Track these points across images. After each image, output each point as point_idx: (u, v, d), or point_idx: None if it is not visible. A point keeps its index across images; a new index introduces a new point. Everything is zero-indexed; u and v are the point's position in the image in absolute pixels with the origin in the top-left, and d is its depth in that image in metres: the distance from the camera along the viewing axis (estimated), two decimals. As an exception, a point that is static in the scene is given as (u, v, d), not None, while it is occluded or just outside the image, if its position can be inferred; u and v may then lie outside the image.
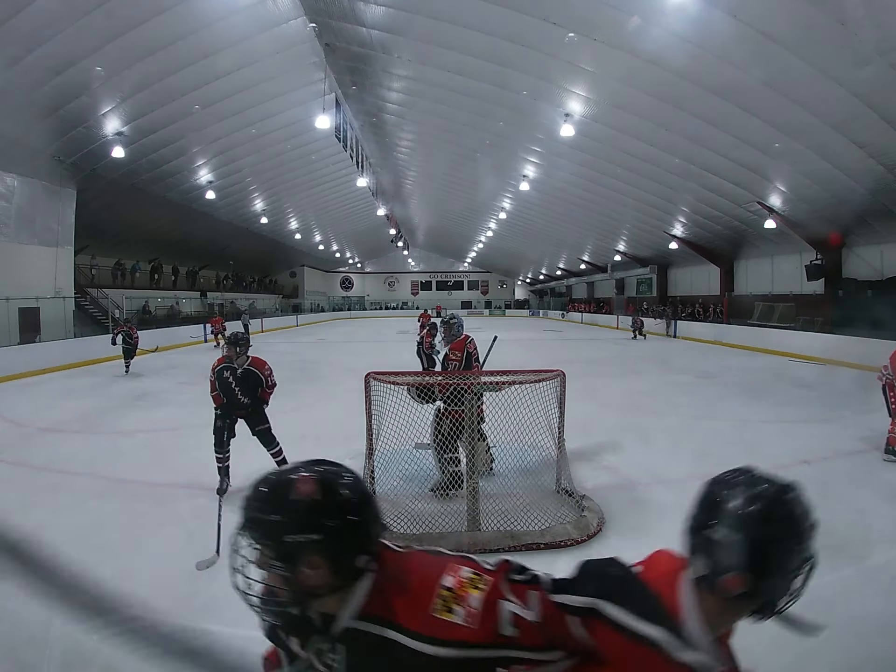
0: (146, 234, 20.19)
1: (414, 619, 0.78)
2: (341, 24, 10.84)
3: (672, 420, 6.32)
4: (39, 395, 8.62)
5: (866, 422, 6.06)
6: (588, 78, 10.35)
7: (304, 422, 6.54)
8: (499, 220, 24.83)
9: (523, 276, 44.52)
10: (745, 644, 2.42)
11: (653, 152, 12.72)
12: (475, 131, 14.87)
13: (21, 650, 2.28)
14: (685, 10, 7.56)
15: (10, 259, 12.61)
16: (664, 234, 19.42)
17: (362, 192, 22.10)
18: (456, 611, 0.76)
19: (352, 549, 0.82)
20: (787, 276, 16.79)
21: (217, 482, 3.97)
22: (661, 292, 24.66)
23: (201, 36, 9.90)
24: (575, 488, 3.78)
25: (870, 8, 6.62)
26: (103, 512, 3.76)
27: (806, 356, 11.72)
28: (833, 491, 3.97)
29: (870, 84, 8.00)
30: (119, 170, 14.06)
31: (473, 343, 4.39)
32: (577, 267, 31.52)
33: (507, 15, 8.70)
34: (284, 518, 0.80)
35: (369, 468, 3.77)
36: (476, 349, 4.37)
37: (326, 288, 43.61)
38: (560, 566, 3.10)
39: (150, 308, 21.27)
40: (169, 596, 2.71)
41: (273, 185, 19.67)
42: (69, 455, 5.09)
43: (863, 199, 11.58)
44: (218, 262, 27.75)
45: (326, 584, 0.81)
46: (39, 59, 9.20)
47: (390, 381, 3.78)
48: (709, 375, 10.24)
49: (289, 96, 13.39)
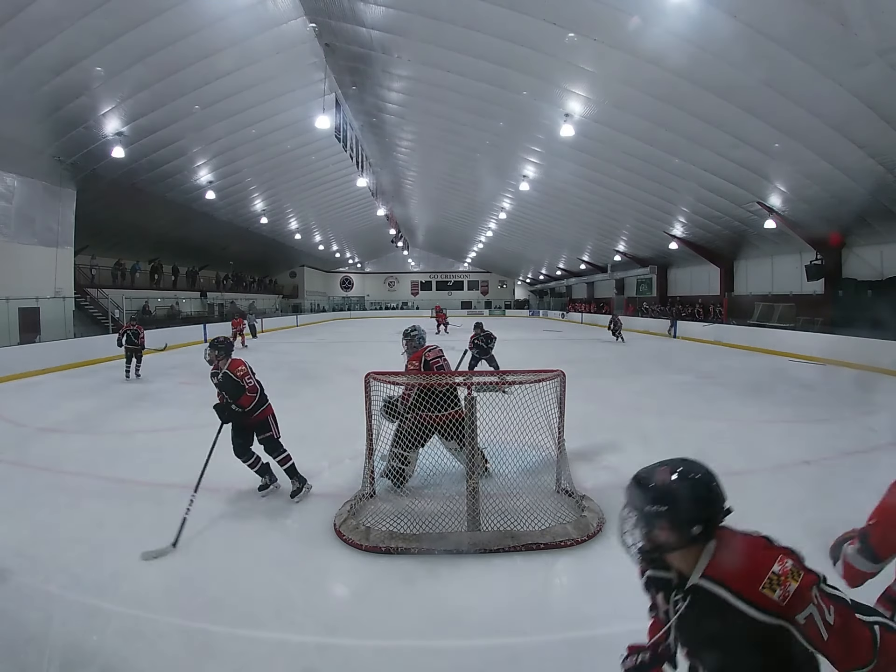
0: (146, 234, 20.18)
1: (746, 588, 1.11)
2: (341, 25, 10.84)
3: (672, 420, 6.32)
4: (39, 395, 8.61)
5: (866, 422, 6.06)
6: (588, 78, 10.35)
7: (304, 422, 6.53)
8: (499, 220, 24.83)
9: (523, 276, 44.51)
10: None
11: (653, 152, 12.72)
12: (475, 131, 14.87)
13: (21, 650, 2.28)
14: (685, 10, 7.56)
15: (10, 259, 12.61)
16: (664, 234, 19.42)
17: (362, 192, 22.10)
18: (777, 591, 1.08)
19: (689, 520, 1.18)
20: (787, 277, 16.78)
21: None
22: (660, 292, 24.67)
23: (201, 36, 9.90)
24: (575, 488, 3.78)
25: (870, 8, 6.62)
26: (103, 512, 3.76)
27: (806, 356, 11.71)
28: (833, 491, 3.97)
29: (870, 84, 7.99)
30: (119, 170, 14.05)
31: (435, 352, 4.32)
32: (577, 267, 31.52)
33: (507, 15, 8.70)
34: (647, 495, 1.23)
35: (369, 468, 3.77)
36: (439, 357, 4.31)
37: (326, 288, 43.60)
38: (560, 566, 3.12)
39: (150, 308, 21.27)
40: (169, 596, 2.72)
41: (273, 185, 19.66)
42: (69, 455, 5.08)
43: (863, 199, 11.58)
44: (218, 262, 27.75)
45: (671, 543, 1.20)
46: (39, 59, 9.20)
47: (390, 381, 3.79)
48: (709, 375, 10.23)
49: (289, 96, 13.39)
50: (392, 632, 2.46)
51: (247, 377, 3.98)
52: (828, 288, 14.83)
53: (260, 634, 2.42)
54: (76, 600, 2.62)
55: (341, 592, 2.91)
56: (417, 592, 2.78)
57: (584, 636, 2.40)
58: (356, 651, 2.35)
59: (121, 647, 2.31)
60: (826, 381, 9.61)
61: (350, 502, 3.66)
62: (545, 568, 3.02)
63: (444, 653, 2.35)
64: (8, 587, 2.76)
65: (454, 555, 3.09)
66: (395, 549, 3.12)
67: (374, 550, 3.13)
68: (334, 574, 3.03)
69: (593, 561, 3.06)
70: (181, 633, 2.43)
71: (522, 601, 2.67)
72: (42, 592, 2.69)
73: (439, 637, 2.44)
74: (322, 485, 4.27)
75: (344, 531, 3.32)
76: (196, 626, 2.47)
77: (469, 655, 2.32)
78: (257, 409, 4.05)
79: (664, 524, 1.20)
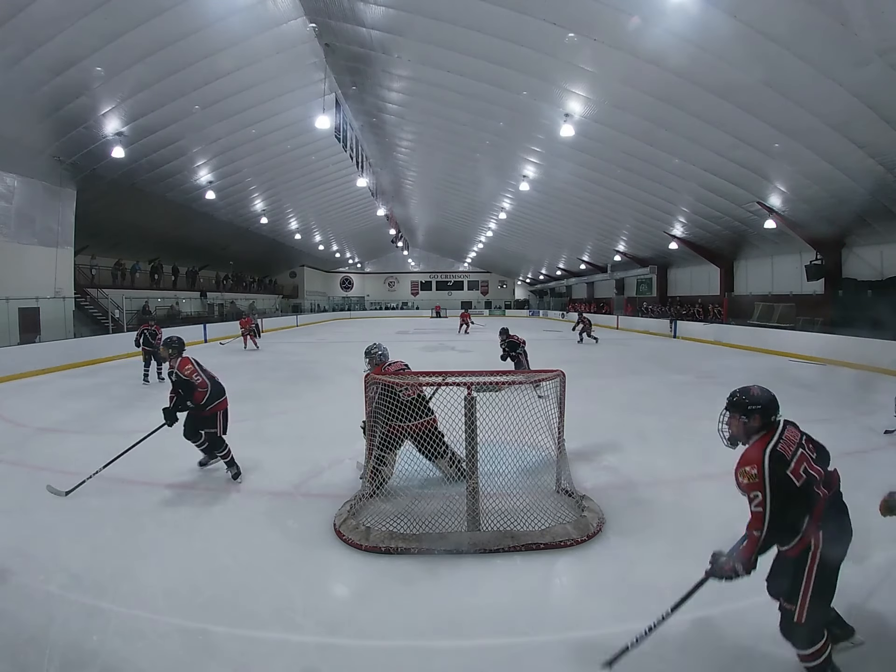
0: (146, 234, 20.18)
1: (735, 471, 2.01)
2: (341, 25, 10.84)
3: (672, 420, 6.32)
4: (39, 395, 8.61)
5: (866, 422, 6.06)
6: (588, 78, 10.35)
7: (304, 422, 6.55)
8: (499, 220, 24.83)
9: (523, 276, 44.52)
10: (745, 644, 2.42)
11: (653, 152, 12.72)
12: (475, 131, 14.87)
13: (21, 650, 2.28)
14: (685, 10, 7.56)
15: (10, 259, 12.61)
16: (664, 235, 19.42)
17: (362, 192, 22.10)
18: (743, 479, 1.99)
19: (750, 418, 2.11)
20: (787, 277, 16.78)
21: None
22: (660, 292, 24.67)
23: (201, 36, 9.89)
24: (575, 488, 3.78)
25: (870, 8, 6.62)
26: (103, 512, 3.76)
27: (806, 356, 11.71)
28: (833, 491, 3.97)
29: (870, 84, 7.99)
30: (119, 170, 14.05)
31: (396, 366, 4.37)
32: (577, 267, 31.52)
33: (507, 15, 8.70)
34: (741, 399, 2.15)
35: (369, 468, 3.77)
36: (401, 370, 4.33)
37: (326, 288, 43.61)
38: (560, 566, 3.12)
39: (150, 308, 21.27)
40: (169, 596, 2.72)
41: (273, 186, 19.66)
42: (69, 455, 5.08)
43: (863, 199, 11.58)
44: (218, 262, 27.74)
45: (746, 433, 2.12)
46: (39, 59, 9.19)
47: (390, 381, 3.79)
48: (709, 375, 10.23)
49: (289, 96, 13.39)
50: (392, 632, 2.46)
51: (194, 374, 4.20)
52: (828, 288, 14.83)
53: (260, 634, 2.42)
54: (76, 600, 2.63)
55: (341, 592, 2.92)
56: (417, 592, 2.78)
57: (584, 636, 2.40)
58: (356, 651, 2.35)
59: (121, 647, 2.32)
60: (826, 381, 9.61)
61: (350, 502, 3.66)
62: (545, 568, 3.02)
63: (443, 653, 2.35)
64: (8, 587, 2.76)
65: (454, 555, 3.09)
66: (395, 549, 3.13)
67: (374, 550, 3.13)
68: (334, 574, 3.03)
69: (593, 561, 3.06)
70: (181, 633, 2.43)
71: (522, 601, 2.67)
72: (42, 592, 2.69)
73: (439, 637, 2.44)
74: (322, 485, 4.28)
75: (344, 531, 3.32)
76: (196, 626, 2.47)
77: (469, 655, 2.32)
78: (210, 404, 4.27)
79: (740, 416, 2.12)
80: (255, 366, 12.11)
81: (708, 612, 2.47)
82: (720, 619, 2.47)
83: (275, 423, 6.53)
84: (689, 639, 2.36)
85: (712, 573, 2.03)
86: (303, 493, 4.12)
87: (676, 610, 2.14)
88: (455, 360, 13.49)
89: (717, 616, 2.48)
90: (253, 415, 6.92)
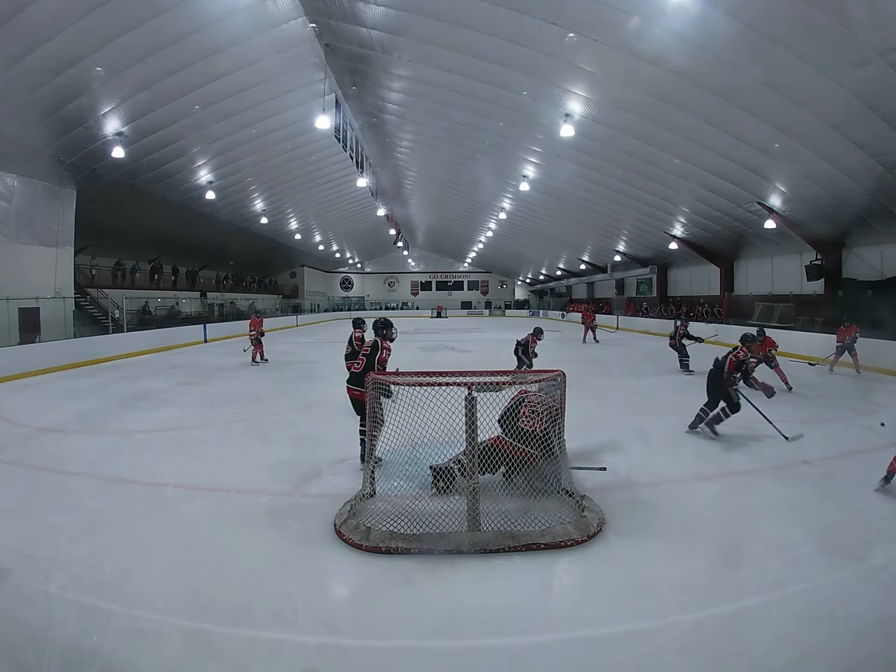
0: (146, 234, 20.18)
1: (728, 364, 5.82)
2: (341, 25, 10.84)
3: (672, 420, 6.32)
4: (39, 395, 8.61)
5: (866, 422, 6.06)
6: (588, 78, 10.35)
7: (304, 422, 6.54)
8: (499, 220, 24.83)
9: (523, 276, 44.52)
10: (745, 644, 2.42)
11: (653, 152, 12.71)
12: (475, 131, 14.86)
13: (21, 650, 2.28)
14: (685, 10, 7.56)
15: (10, 259, 12.60)
16: (664, 234, 19.42)
17: (362, 192, 22.08)
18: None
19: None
20: (787, 277, 16.79)
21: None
22: (660, 292, 24.68)
23: (201, 36, 9.90)
24: (575, 488, 3.78)
25: (870, 8, 6.62)
26: (103, 512, 3.76)
27: (806, 356, 11.69)
28: (833, 491, 3.97)
29: (870, 84, 7.99)
30: (119, 170, 14.05)
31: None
32: (577, 267, 31.52)
33: (507, 15, 8.70)
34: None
35: (369, 468, 3.77)
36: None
37: (326, 288, 43.59)
38: (560, 566, 3.11)
39: (150, 308, 21.28)
40: (169, 596, 2.71)
41: (273, 186, 19.66)
42: (69, 455, 5.08)
43: (863, 199, 11.58)
44: (218, 262, 27.74)
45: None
46: (39, 59, 9.19)
47: (390, 381, 3.79)
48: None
49: (289, 96, 13.39)
50: (392, 632, 2.46)
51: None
52: (828, 288, 14.84)
53: (260, 634, 2.42)
54: (76, 600, 2.62)
55: (341, 592, 2.92)
56: (417, 592, 2.78)
57: (583, 636, 2.40)
58: (356, 651, 2.35)
59: (121, 647, 2.31)
60: (826, 381, 9.61)
61: (350, 502, 3.66)
62: (545, 568, 3.01)
63: (443, 653, 2.35)
64: (8, 587, 2.76)
65: (454, 555, 3.09)
66: (396, 549, 3.12)
67: (374, 550, 3.13)
68: (334, 574, 3.03)
69: (593, 561, 3.06)
70: (181, 633, 2.42)
71: (522, 601, 2.67)
72: (42, 592, 2.69)
73: (439, 637, 2.43)
74: (322, 485, 4.27)
75: (344, 531, 3.32)
76: (196, 626, 2.47)
77: (469, 656, 2.32)
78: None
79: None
80: (256, 366, 12.12)
81: (708, 612, 2.48)
82: (720, 619, 2.47)
83: (275, 423, 6.53)
84: (690, 639, 2.36)
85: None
86: (303, 493, 4.12)
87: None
88: (455, 360, 13.48)
89: (717, 616, 2.48)
90: (253, 415, 6.92)
